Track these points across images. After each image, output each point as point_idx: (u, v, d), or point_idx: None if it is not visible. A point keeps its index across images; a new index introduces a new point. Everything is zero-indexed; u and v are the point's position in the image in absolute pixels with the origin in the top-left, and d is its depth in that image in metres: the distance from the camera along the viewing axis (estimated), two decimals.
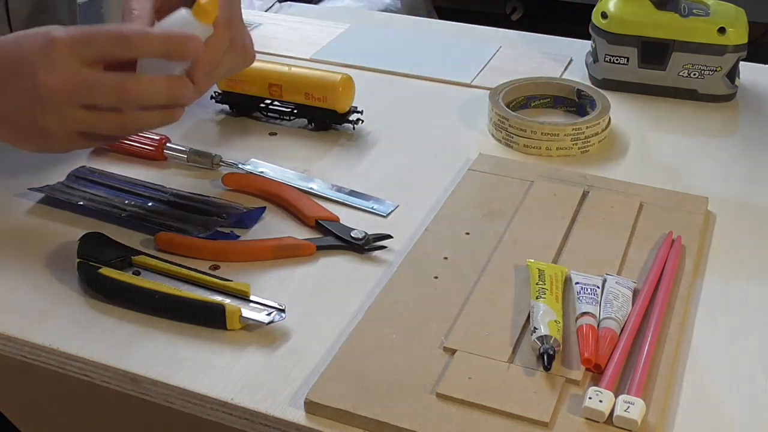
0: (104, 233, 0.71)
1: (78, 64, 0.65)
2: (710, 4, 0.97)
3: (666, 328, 0.63)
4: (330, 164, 0.85)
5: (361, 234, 0.73)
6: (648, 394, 0.57)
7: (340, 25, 1.17)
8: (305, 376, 0.60)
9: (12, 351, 0.64)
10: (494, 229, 0.73)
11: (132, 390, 0.61)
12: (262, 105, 0.92)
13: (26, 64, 0.65)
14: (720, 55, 0.95)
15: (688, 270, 0.69)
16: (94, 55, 0.65)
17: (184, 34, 0.66)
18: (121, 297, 0.65)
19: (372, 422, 0.55)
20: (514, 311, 0.64)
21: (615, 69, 0.99)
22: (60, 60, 0.65)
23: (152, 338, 0.63)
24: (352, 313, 0.66)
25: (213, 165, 0.83)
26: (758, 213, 0.79)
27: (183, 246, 0.71)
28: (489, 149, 0.87)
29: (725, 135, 0.93)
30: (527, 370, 0.59)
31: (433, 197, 0.80)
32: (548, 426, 0.55)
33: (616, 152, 0.88)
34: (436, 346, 0.61)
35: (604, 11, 0.98)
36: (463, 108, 0.96)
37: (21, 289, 0.68)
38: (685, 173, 0.85)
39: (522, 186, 0.79)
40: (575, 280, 0.66)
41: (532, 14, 3.05)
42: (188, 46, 0.66)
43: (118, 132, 0.71)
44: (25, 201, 0.78)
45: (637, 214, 0.75)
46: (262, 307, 0.64)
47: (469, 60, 1.07)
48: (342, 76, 0.88)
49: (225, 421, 0.58)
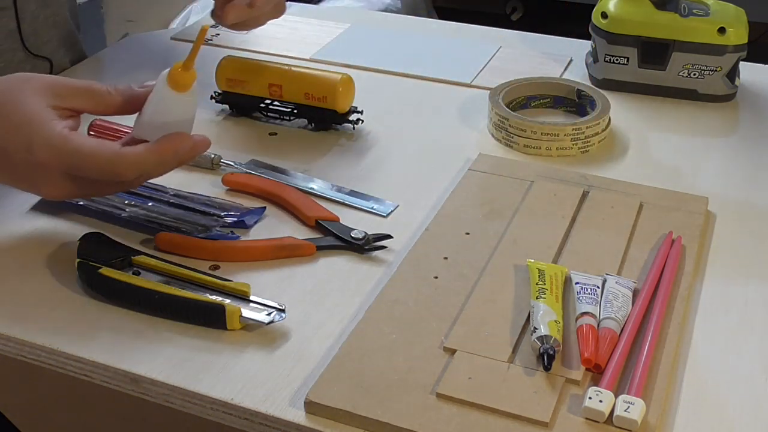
0: (104, 233, 0.71)
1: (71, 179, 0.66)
2: (710, 4, 0.98)
3: (666, 328, 0.63)
4: (330, 164, 0.85)
5: (361, 234, 0.73)
6: (648, 394, 0.57)
7: (340, 25, 1.17)
8: (305, 376, 0.60)
9: (12, 351, 0.64)
10: (494, 229, 0.73)
11: (132, 390, 0.61)
12: (262, 105, 0.92)
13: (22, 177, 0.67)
14: (720, 55, 0.95)
15: (688, 270, 0.69)
16: (84, 175, 0.66)
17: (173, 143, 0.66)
18: (121, 297, 0.65)
19: (372, 422, 0.55)
20: (514, 311, 0.64)
21: (615, 69, 0.99)
22: (53, 179, 0.66)
23: (152, 338, 0.63)
24: (352, 313, 0.66)
25: (213, 165, 0.83)
26: (758, 213, 0.79)
27: (183, 246, 0.71)
28: (489, 149, 0.88)
29: (725, 135, 0.93)
30: (527, 370, 0.59)
31: (433, 197, 0.80)
32: (548, 426, 0.55)
33: (616, 152, 0.88)
34: (436, 346, 0.61)
35: (604, 11, 0.98)
36: (463, 108, 0.96)
37: (21, 290, 0.68)
38: (685, 173, 0.85)
39: (522, 186, 0.79)
40: (575, 280, 0.66)
41: (532, 14, 3.06)
42: (180, 152, 0.67)
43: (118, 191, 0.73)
44: (25, 201, 0.78)
45: (637, 214, 0.75)
46: (262, 307, 0.64)
47: (469, 60, 1.07)
48: (342, 76, 0.88)
49: (225, 421, 0.58)
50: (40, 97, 0.66)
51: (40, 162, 0.65)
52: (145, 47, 1.11)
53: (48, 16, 1.00)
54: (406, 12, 2.32)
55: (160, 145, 0.66)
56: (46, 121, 0.65)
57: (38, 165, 0.65)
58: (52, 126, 0.65)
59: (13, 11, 0.95)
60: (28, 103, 0.66)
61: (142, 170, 0.66)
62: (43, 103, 0.66)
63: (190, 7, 2.10)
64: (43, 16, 0.99)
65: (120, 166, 0.65)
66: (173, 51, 1.10)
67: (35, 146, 0.65)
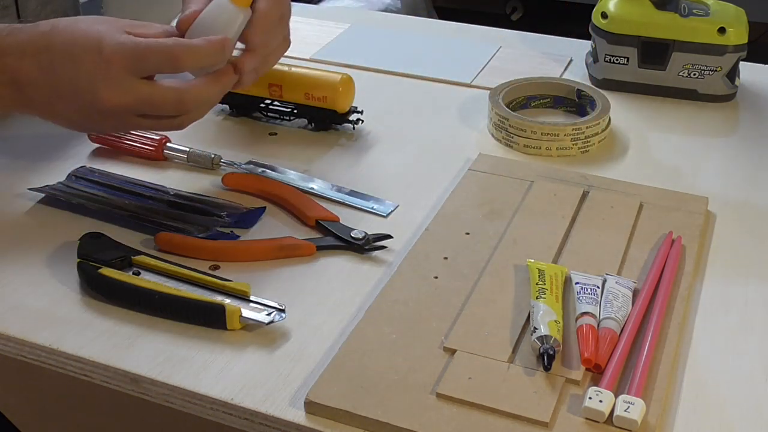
0: (104, 233, 0.71)
1: (135, 81, 0.69)
2: (710, 4, 0.97)
3: (666, 328, 0.63)
4: (330, 164, 0.85)
5: (361, 234, 0.73)
6: (648, 394, 0.57)
7: (340, 25, 1.17)
8: (305, 376, 0.60)
9: (12, 351, 0.64)
10: (494, 229, 0.73)
11: (132, 390, 0.61)
12: (262, 105, 0.92)
13: (85, 81, 0.69)
14: (720, 55, 0.95)
15: (688, 270, 0.69)
16: (147, 72, 0.70)
17: (221, 40, 0.72)
18: (121, 297, 0.65)
19: (372, 422, 0.55)
20: (514, 311, 0.64)
21: (615, 69, 0.99)
22: (118, 79, 0.69)
23: (152, 338, 0.63)
24: (352, 313, 0.66)
25: (213, 165, 0.83)
26: (758, 213, 0.79)
27: (183, 246, 0.71)
28: (489, 149, 0.87)
29: (725, 135, 0.93)
30: (527, 370, 0.59)
31: (433, 197, 0.80)
32: (548, 426, 0.55)
33: (616, 152, 0.88)
34: (436, 346, 0.61)
35: (604, 11, 0.98)
36: (463, 108, 0.96)
37: (21, 289, 0.68)
38: (685, 173, 0.85)
39: (522, 186, 0.79)
40: (575, 280, 0.66)
41: (532, 14, 3.05)
42: (226, 51, 0.73)
43: (172, 129, 0.76)
44: (25, 201, 0.78)
45: (637, 214, 0.75)
46: (262, 307, 0.64)
47: (469, 60, 1.07)
48: (342, 76, 0.88)
49: (225, 421, 0.58)
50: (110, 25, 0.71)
51: (107, 59, 0.68)
52: None
53: (49, 13, 1.00)
54: (406, 12, 2.32)
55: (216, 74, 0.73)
56: (116, 31, 0.70)
57: (105, 62, 0.68)
58: (121, 34, 0.70)
59: (15, 9, 0.95)
60: (99, 22, 0.71)
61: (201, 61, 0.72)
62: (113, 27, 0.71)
63: None
64: (44, 13, 0.99)
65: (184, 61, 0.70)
66: None
67: (105, 46, 0.68)
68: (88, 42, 0.69)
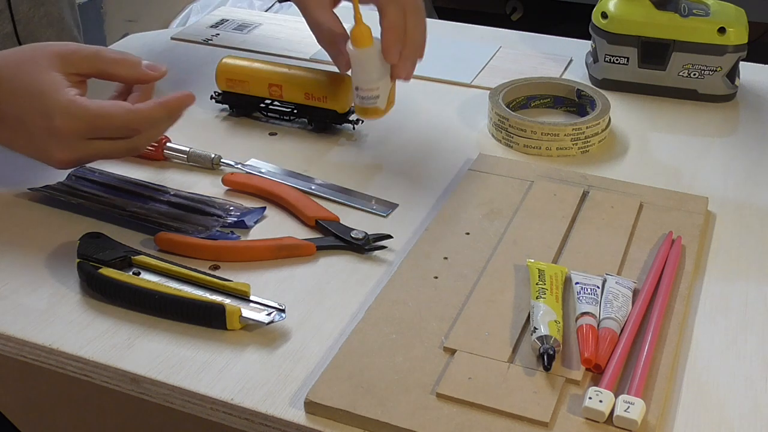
0: (104, 233, 0.71)
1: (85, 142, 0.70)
2: (710, 4, 0.98)
3: (666, 328, 0.63)
4: (330, 164, 0.85)
5: (361, 234, 0.73)
6: (648, 394, 0.57)
7: None
8: (305, 376, 0.60)
9: (12, 351, 0.64)
10: (494, 229, 0.73)
11: (132, 390, 0.61)
12: (262, 105, 0.92)
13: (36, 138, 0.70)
14: (720, 55, 0.95)
15: (688, 270, 0.69)
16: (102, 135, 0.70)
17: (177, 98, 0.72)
18: (121, 297, 0.65)
19: (372, 422, 0.55)
20: (514, 311, 0.64)
21: (615, 69, 0.99)
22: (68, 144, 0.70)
23: (152, 338, 0.63)
24: (352, 313, 0.66)
25: (213, 165, 0.83)
26: (758, 213, 0.79)
27: (183, 246, 0.71)
28: (489, 149, 0.88)
29: (725, 135, 0.93)
30: (527, 370, 0.59)
31: (433, 197, 0.80)
32: (548, 426, 0.55)
33: (616, 152, 0.88)
34: (436, 346, 0.61)
35: (604, 11, 0.98)
36: (463, 108, 0.96)
37: (21, 289, 0.68)
38: (685, 173, 0.85)
39: (522, 186, 0.79)
40: (575, 280, 0.66)
41: (532, 14, 3.05)
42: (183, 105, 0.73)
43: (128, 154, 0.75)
44: (25, 201, 0.78)
45: (637, 214, 0.75)
46: (262, 307, 0.64)
47: (469, 60, 1.07)
48: (342, 76, 0.88)
49: (225, 421, 0.58)
50: (50, 66, 0.70)
51: (58, 128, 0.68)
52: (145, 47, 1.11)
53: (42, 15, 0.99)
54: None
55: (166, 99, 0.72)
56: (59, 89, 0.69)
57: (56, 131, 0.68)
58: (65, 93, 0.69)
59: (8, 13, 0.94)
60: (40, 71, 0.69)
61: (154, 123, 0.71)
62: (54, 71, 0.70)
63: (190, 7, 2.10)
64: (37, 16, 0.99)
65: (134, 120, 0.70)
66: (173, 51, 1.10)
67: (54, 114, 0.68)
68: (34, 105, 0.69)
